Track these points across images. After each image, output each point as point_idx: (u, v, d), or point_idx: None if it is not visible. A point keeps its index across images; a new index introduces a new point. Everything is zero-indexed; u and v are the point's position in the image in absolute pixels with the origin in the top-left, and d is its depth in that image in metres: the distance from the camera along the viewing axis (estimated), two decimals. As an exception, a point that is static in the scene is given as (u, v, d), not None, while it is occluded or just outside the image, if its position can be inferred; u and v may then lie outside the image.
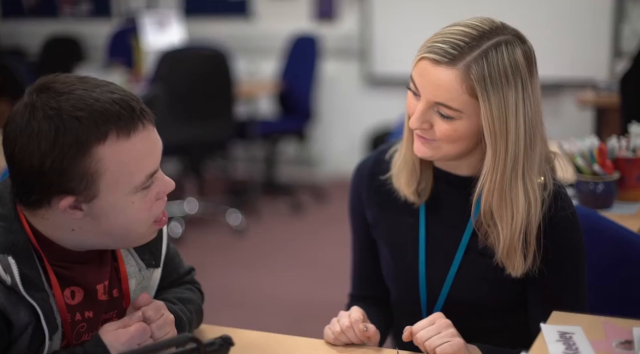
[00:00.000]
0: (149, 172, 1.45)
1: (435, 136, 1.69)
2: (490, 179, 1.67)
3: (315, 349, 1.73)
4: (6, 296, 1.39)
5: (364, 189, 1.93)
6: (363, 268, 2.00)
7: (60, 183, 1.39)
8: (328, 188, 6.75)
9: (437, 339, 1.62)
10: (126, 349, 1.43)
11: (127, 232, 1.47)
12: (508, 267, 1.71)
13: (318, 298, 4.59)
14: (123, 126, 1.40)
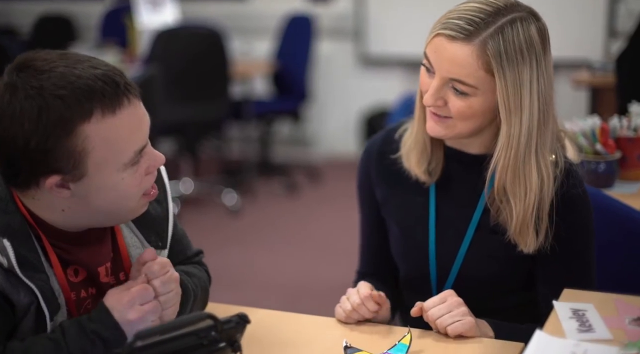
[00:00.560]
0: (138, 148, 1.42)
1: (449, 113, 1.69)
2: (505, 155, 1.68)
3: (327, 327, 1.74)
4: (5, 278, 1.39)
5: (373, 168, 1.93)
6: (371, 246, 2.01)
7: (46, 163, 1.36)
8: (322, 168, 6.75)
9: (449, 317, 1.63)
10: (127, 310, 1.42)
11: (118, 209, 1.46)
12: (520, 243, 1.72)
13: (313, 276, 4.61)
14: (108, 103, 1.37)
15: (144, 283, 1.46)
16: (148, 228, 1.60)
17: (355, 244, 5.42)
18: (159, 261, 1.49)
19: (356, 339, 1.66)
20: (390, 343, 1.64)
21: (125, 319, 1.41)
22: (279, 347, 1.63)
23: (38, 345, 1.37)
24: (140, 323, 1.42)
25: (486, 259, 1.79)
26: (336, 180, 6.55)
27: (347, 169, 6.85)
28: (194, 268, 1.73)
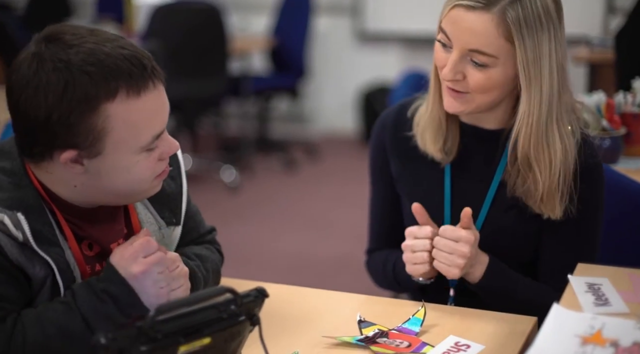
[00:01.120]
0: (156, 133, 1.42)
1: (468, 87, 1.69)
2: (527, 123, 1.68)
3: (340, 302, 1.75)
4: (20, 251, 1.39)
5: (388, 142, 1.93)
6: (382, 222, 2.00)
7: (65, 138, 1.36)
8: (320, 145, 6.76)
9: (441, 256, 1.69)
10: (131, 263, 1.42)
11: (129, 190, 1.45)
12: (546, 211, 1.73)
13: (313, 251, 4.63)
14: (134, 84, 1.37)
15: (146, 236, 1.46)
16: (162, 204, 1.60)
17: (354, 219, 5.47)
18: (170, 256, 1.49)
19: (369, 314, 1.67)
20: (404, 317, 1.65)
21: (131, 273, 1.41)
22: (293, 321, 1.64)
23: (50, 310, 1.38)
24: (146, 276, 1.42)
25: (501, 233, 1.80)
26: (334, 156, 6.55)
27: (345, 146, 6.86)
28: (206, 249, 1.72)
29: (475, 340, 1.55)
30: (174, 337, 1.27)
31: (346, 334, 1.57)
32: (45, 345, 1.35)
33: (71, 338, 1.37)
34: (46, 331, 1.36)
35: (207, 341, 1.32)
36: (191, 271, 1.57)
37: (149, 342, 1.24)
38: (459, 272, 1.68)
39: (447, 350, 1.52)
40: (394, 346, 1.53)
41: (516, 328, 1.60)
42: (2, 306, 1.36)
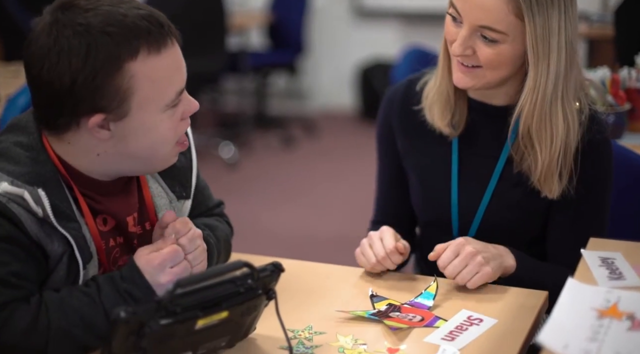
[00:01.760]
0: (179, 89, 1.44)
1: (477, 62, 1.69)
2: (531, 100, 1.68)
3: (351, 276, 1.75)
4: (39, 227, 1.39)
5: (394, 117, 1.93)
6: (388, 196, 2.01)
7: (91, 101, 1.36)
8: (318, 121, 6.75)
9: (467, 273, 1.64)
10: (158, 273, 1.42)
11: (152, 154, 1.46)
12: (544, 189, 1.74)
13: (312, 227, 4.64)
14: (153, 42, 1.38)
15: (173, 243, 1.47)
16: (172, 178, 1.60)
17: (352, 195, 5.49)
18: (181, 220, 1.50)
19: (381, 288, 1.68)
20: (415, 292, 1.66)
21: (157, 281, 1.42)
22: (305, 296, 1.65)
23: (74, 298, 1.38)
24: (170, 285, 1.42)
25: (508, 208, 1.80)
26: (332, 132, 6.55)
27: (343, 122, 6.86)
28: (215, 220, 1.73)
29: (487, 314, 1.56)
30: (193, 311, 1.28)
31: (358, 309, 1.58)
32: (68, 331, 1.35)
33: (92, 329, 1.37)
34: (70, 318, 1.36)
35: (224, 314, 1.33)
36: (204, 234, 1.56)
37: (168, 316, 1.25)
38: (491, 269, 1.64)
39: (460, 324, 1.53)
40: (407, 320, 1.54)
41: (527, 302, 1.61)
42: (23, 285, 1.36)
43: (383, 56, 6.65)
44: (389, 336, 1.49)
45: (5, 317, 1.32)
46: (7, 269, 1.35)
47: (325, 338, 1.49)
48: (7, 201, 1.36)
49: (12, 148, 1.42)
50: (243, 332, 1.45)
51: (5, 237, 1.35)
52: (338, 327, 1.53)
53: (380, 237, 1.72)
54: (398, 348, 1.45)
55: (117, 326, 1.22)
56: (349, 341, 1.48)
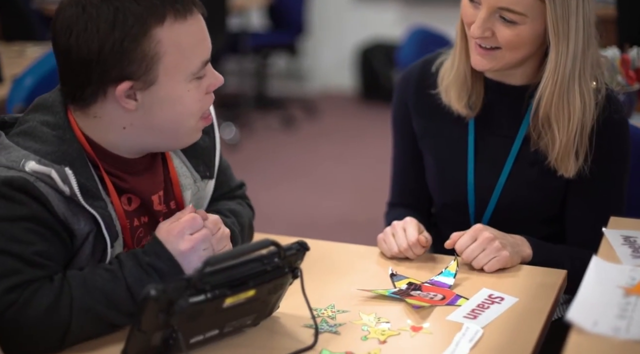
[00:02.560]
0: (204, 59, 1.45)
1: (496, 43, 1.69)
2: (552, 82, 1.68)
3: (370, 255, 1.76)
4: (66, 206, 1.39)
5: (410, 99, 1.93)
6: (404, 177, 2.01)
7: (119, 67, 1.38)
8: (318, 102, 6.74)
9: (483, 257, 1.65)
10: (179, 240, 1.42)
11: (177, 127, 1.46)
12: (561, 169, 1.74)
13: (313, 209, 4.64)
14: (179, 8, 1.40)
15: (192, 212, 1.47)
16: (197, 158, 1.61)
17: (353, 176, 5.48)
18: (212, 219, 1.50)
19: (401, 267, 1.69)
20: (435, 271, 1.67)
21: (178, 249, 1.43)
22: (325, 274, 1.65)
23: (96, 275, 1.39)
24: (193, 253, 1.43)
25: (525, 188, 1.81)
26: (332, 114, 6.55)
27: (343, 103, 6.85)
28: (239, 204, 1.74)
29: (507, 293, 1.57)
30: (221, 289, 1.29)
31: (379, 288, 1.59)
32: (91, 309, 1.36)
33: (115, 306, 1.38)
34: (92, 295, 1.37)
35: (251, 293, 1.33)
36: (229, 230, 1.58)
37: (197, 294, 1.26)
38: (505, 252, 1.65)
39: (481, 302, 1.54)
40: (429, 299, 1.55)
41: (547, 281, 1.62)
42: (47, 264, 1.37)
43: (383, 37, 6.64)
44: (411, 314, 1.50)
45: (29, 295, 1.33)
46: (32, 248, 1.35)
47: (348, 316, 1.49)
48: (34, 179, 1.36)
49: (39, 127, 1.43)
50: (268, 310, 1.45)
51: (32, 217, 1.36)
52: (360, 305, 1.53)
53: (403, 228, 1.73)
54: (421, 326, 1.46)
55: (146, 304, 1.23)
56: (372, 319, 1.48)
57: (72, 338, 1.35)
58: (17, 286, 1.32)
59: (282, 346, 1.40)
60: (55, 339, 1.34)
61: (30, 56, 3.93)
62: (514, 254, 1.68)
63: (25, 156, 1.38)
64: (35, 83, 3.00)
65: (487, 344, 1.40)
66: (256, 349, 1.39)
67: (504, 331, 1.44)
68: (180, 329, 1.27)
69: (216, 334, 1.37)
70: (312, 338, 1.41)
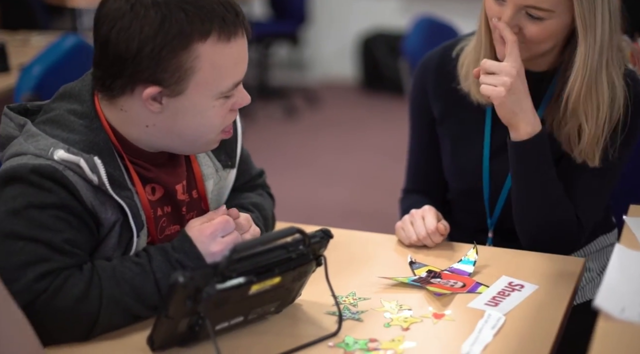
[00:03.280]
0: (236, 81, 1.44)
1: (523, 38, 1.69)
2: (582, 73, 1.68)
3: (388, 243, 1.76)
4: (94, 195, 1.40)
5: (430, 84, 1.92)
6: (420, 163, 2.01)
7: (152, 72, 1.37)
8: (320, 91, 6.74)
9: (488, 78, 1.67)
10: (210, 242, 1.44)
11: (197, 137, 1.46)
12: (587, 157, 1.73)
13: (314, 197, 4.64)
14: (226, 29, 1.38)
15: (224, 213, 1.48)
16: (219, 148, 1.60)
17: (355, 165, 5.48)
18: (244, 217, 1.52)
19: (419, 255, 1.70)
20: (453, 258, 1.68)
21: (208, 250, 1.43)
22: (345, 262, 1.66)
23: (125, 267, 1.39)
24: (221, 255, 1.42)
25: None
26: (334, 104, 6.54)
27: (344, 92, 6.85)
28: (260, 195, 1.74)
29: (527, 280, 1.57)
30: (248, 276, 1.29)
31: (399, 275, 1.60)
32: (119, 301, 1.37)
33: (143, 299, 1.39)
34: (121, 287, 1.37)
35: (277, 280, 1.34)
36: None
37: (224, 281, 1.27)
38: (505, 91, 1.65)
39: (502, 290, 1.54)
40: (449, 286, 1.55)
41: (565, 269, 1.63)
42: (76, 253, 1.37)
43: (385, 26, 6.64)
44: (432, 301, 1.51)
45: (59, 283, 1.33)
46: (61, 236, 1.35)
47: (370, 304, 1.50)
48: (63, 168, 1.36)
49: (66, 116, 1.43)
50: (291, 298, 1.46)
51: (60, 205, 1.36)
52: (381, 293, 1.54)
53: (422, 216, 1.73)
54: (443, 313, 1.47)
55: (174, 290, 1.23)
56: (393, 306, 1.49)
57: (99, 328, 1.36)
58: (48, 273, 1.33)
59: (306, 333, 1.40)
60: (83, 329, 1.35)
61: (35, 45, 3.92)
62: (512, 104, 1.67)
63: (54, 144, 1.38)
64: (43, 72, 2.99)
65: (510, 331, 1.40)
66: (280, 336, 1.39)
67: (526, 318, 1.44)
68: (207, 316, 1.28)
69: (241, 321, 1.38)
70: (335, 325, 1.41)
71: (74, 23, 5.89)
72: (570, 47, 1.73)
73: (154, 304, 1.39)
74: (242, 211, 1.57)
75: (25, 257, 1.32)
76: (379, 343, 1.37)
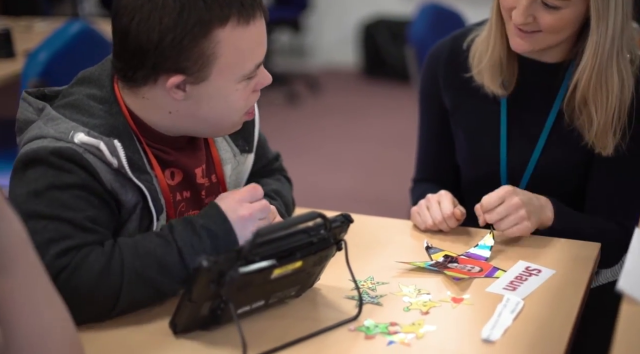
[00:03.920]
0: (258, 62, 1.44)
1: (538, 27, 1.68)
2: (591, 63, 1.68)
3: (404, 228, 1.77)
4: (114, 178, 1.40)
5: (441, 75, 1.92)
6: (430, 153, 2.01)
7: (174, 61, 1.37)
8: (322, 78, 6.73)
9: (506, 223, 1.66)
10: (237, 206, 1.43)
11: (221, 120, 1.47)
12: (598, 147, 1.74)
13: (317, 183, 4.64)
14: (244, 12, 1.39)
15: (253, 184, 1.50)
16: (236, 133, 1.61)
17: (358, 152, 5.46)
18: (274, 210, 1.54)
19: (435, 240, 1.70)
20: (469, 243, 1.68)
21: (236, 214, 1.43)
22: (362, 247, 1.65)
23: (147, 240, 1.39)
24: (250, 220, 1.44)
25: (558, 164, 1.81)
26: (335, 91, 6.54)
27: (346, 79, 6.84)
28: (278, 181, 1.75)
29: (544, 265, 1.58)
30: (270, 260, 1.30)
31: (416, 260, 1.60)
32: (142, 273, 1.36)
33: (166, 270, 1.38)
34: (143, 260, 1.37)
35: (298, 264, 1.34)
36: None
37: (247, 265, 1.27)
38: (530, 223, 1.66)
39: (519, 275, 1.55)
40: (466, 271, 1.56)
41: (581, 254, 1.64)
42: (97, 230, 1.37)
43: (387, 13, 6.63)
44: (450, 286, 1.52)
45: (80, 259, 1.33)
46: (83, 214, 1.36)
47: (389, 288, 1.51)
48: (83, 151, 1.37)
49: (85, 100, 1.43)
50: (311, 282, 1.47)
51: (81, 185, 1.36)
52: (399, 277, 1.55)
53: (438, 201, 1.74)
54: (462, 297, 1.47)
55: (198, 274, 1.24)
56: (412, 290, 1.50)
57: (122, 304, 1.36)
58: (69, 249, 1.33)
59: (326, 317, 1.41)
60: (106, 304, 1.35)
61: (38, 31, 3.92)
62: (535, 223, 1.69)
63: (74, 128, 1.39)
64: (49, 58, 2.99)
65: (529, 315, 1.41)
66: (300, 320, 1.40)
67: (545, 302, 1.45)
68: (230, 299, 1.29)
69: (262, 304, 1.39)
70: (354, 309, 1.42)
71: (75, 9, 5.88)
72: (583, 38, 1.73)
73: (178, 276, 1.38)
74: (265, 198, 1.58)
75: (48, 235, 1.33)
76: (399, 326, 1.37)
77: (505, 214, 1.66)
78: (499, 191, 1.68)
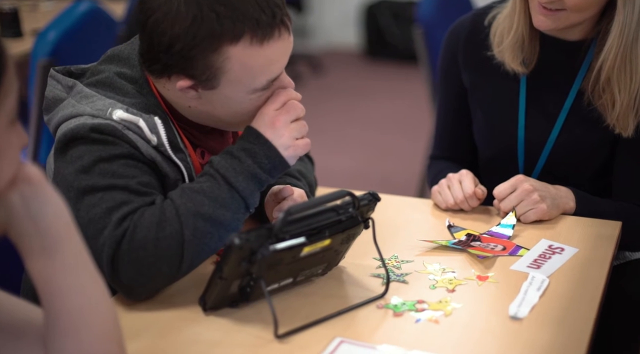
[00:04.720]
0: (272, 78, 1.41)
1: (563, 5, 1.68)
2: (617, 43, 1.68)
3: (425, 207, 1.78)
4: (153, 154, 1.40)
5: (461, 53, 1.92)
6: (448, 130, 2.01)
7: (183, 68, 1.36)
8: (324, 58, 6.71)
9: (521, 208, 1.67)
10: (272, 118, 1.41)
11: (236, 120, 1.46)
12: (619, 127, 1.74)
13: (322, 164, 4.61)
14: (259, 32, 1.35)
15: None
16: None
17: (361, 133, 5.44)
18: (298, 193, 1.54)
19: (456, 218, 1.71)
20: (491, 222, 1.69)
21: (267, 126, 1.40)
22: (385, 226, 1.64)
23: (193, 183, 1.38)
24: (284, 128, 1.41)
25: (577, 144, 1.81)
26: (337, 71, 6.52)
27: (348, 60, 6.83)
28: (301, 161, 1.73)
29: (566, 243, 1.59)
30: (300, 238, 1.30)
31: (438, 239, 1.61)
32: (197, 212, 1.34)
33: (220, 202, 1.35)
34: (194, 200, 1.34)
35: (327, 242, 1.35)
36: None
37: (278, 242, 1.27)
38: (546, 206, 1.67)
39: (542, 253, 1.56)
40: (490, 249, 1.57)
41: (603, 232, 1.64)
42: (152, 192, 1.37)
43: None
44: (474, 264, 1.52)
45: (137, 219, 1.32)
46: (136, 179, 1.36)
47: (413, 266, 1.51)
48: (122, 127, 1.36)
49: (116, 79, 1.43)
50: (337, 260, 1.47)
51: (127, 155, 1.37)
52: (423, 256, 1.55)
53: (459, 180, 1.74)
54: (487, 275, 1.48)
55: (230, 252, 1.24)
56: (437, 268, 1.50)
57: (190, 251, 1.33)
58: (128, 214, 1.33)
59: (353, 295, 1.42)
60: (173, 256, 1.32)
61: (44, 10, 3.90)
62: (553, 208, 1.69)
63: (111, 105, 1.38)
64: (58, 37, 2.97)
65: (554, 292, 1.42)
66: (328, 298, 1.40)
67: (570, 280, 1.46)
68: (260, 276, 1.29)
69: (290, 282, 1.39)
70: (381, 287, 1.43)
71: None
72: (606, 17, 1.73)
73: (233, 204, 1.36)
74: (289, 179, 1.58)
75: (105, 205, 1.33)
76: (426, 304, 1.38)
77: (518, 200, 1.68)
78: (510, 180, 1.71)
